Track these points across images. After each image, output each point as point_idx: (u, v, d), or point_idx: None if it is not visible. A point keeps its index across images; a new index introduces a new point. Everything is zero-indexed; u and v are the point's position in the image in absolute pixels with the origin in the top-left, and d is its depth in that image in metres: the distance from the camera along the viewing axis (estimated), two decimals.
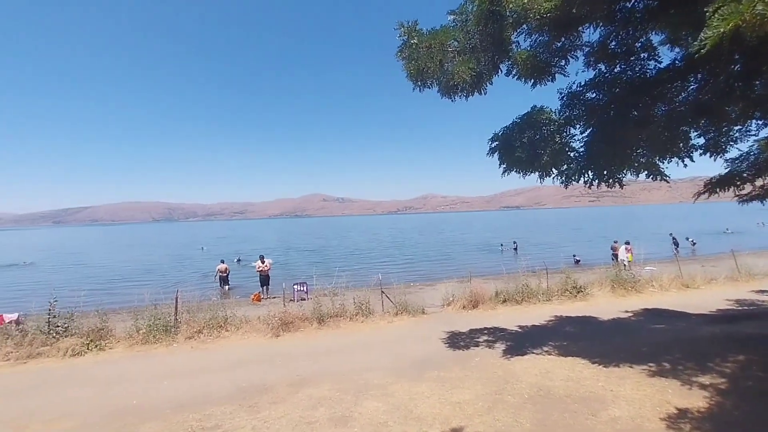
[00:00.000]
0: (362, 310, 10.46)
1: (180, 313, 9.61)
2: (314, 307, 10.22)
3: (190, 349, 8.56)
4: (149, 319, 9.16)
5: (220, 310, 9.92)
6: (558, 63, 6.29)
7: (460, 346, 7.69)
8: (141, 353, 8.35)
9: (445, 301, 11.65)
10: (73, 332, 8.73)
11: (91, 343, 8.58)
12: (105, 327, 9.00)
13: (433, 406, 5.06)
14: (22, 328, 8.87)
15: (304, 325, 9.77)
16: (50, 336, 8.57)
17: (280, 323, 9.49)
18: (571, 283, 12.28)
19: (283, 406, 5.30)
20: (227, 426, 4.79)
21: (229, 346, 8.65)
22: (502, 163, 6.43)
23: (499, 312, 10.73)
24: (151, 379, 6.76)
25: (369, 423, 4.69)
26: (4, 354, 8.15)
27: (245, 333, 9.40)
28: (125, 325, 9.25)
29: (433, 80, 6.11)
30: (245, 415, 5.10)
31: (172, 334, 9.07)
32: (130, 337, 8.92)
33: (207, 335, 9.18)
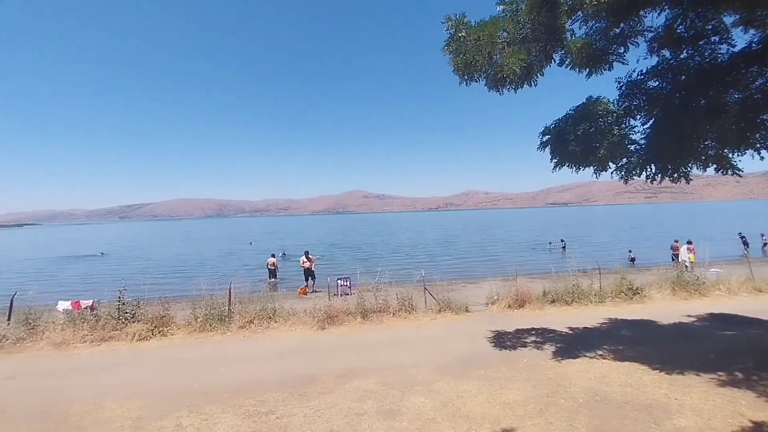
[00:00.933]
0: (405, 306, 10.50)
1: (233, 304, 10.13)
2: (358, 301, 10.39)
3: (243, 338, 9.01)
4: (206, 308, 9.74)
5: (269, 302, 10.34)
6: (616, 50, 5.95)
7: (507, 346, 7.51)
8: (199, 340, 8.91)
9: (489, 299, 11.41)
10: (140, 319, 9.48)
11: (155, 329, 9.26)
12: (167, 315, 9.67)
13: (481, 405, 4.99)
14: (96, 313, 9.73)
15: (348, 319, 9.97)
16: (120, 321, 9.35)
17: (325, 316, 9.74)
18: (627, 284, 11.58)
19: (332, 397, 5.45)
20: (280, 412, 5.01)
21: (278, 337, 9.01)
22: (554, 158, 6.19)
23: (547, 313, 10.35)
24: (209, 364, 7.20)
25: (417, 418, 4.71)
26: (81, 336, 8.99)
27: (293, 325, 9.74)
28: (184, 314, 9.89)
29: (480, 73, 5.98)
30: (296, 402, 5.31)
31: (226, 323, 9.59)
32: (188, 325, 9.54)
33: (257, 325, 9.62)
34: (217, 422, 4.78)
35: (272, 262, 19.64)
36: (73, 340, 8.73)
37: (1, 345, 8.51)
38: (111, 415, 5.16)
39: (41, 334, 8.89)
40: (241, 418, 4.89)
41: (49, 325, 9.14)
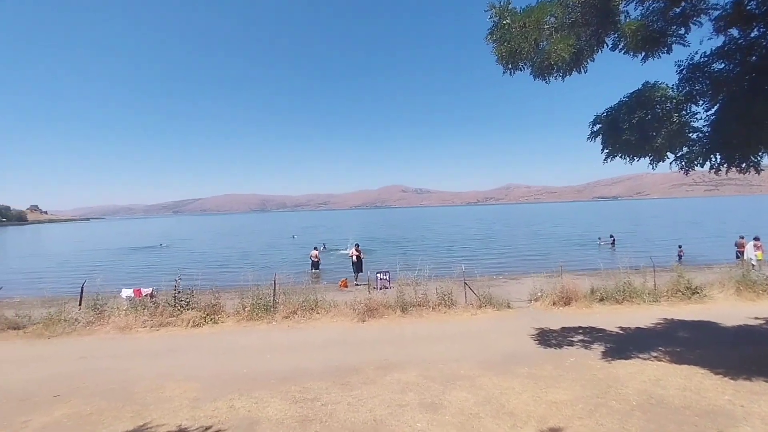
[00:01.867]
0: (445, 300, 10.43)
1: (277, 295, 10.53)
2: (397, 295, 10.46)
3: (287, 327, 9.35)
4: (253, 298, 10.20)
5: (311, 293, 10.65)
6: (676, 32, 5.53)
7: (552, 344, 7.28)
8: (247, 328, 9.36)
9: (532, 296, 11.08)
10: (193, 306, 10.09)
11: (208, 317, 9.83)
12: (218, 303, 10.23)
13: (526, 402, 4.88)
14: (155, 300, 10.47)
15: (387, 312, 10.06)
16: (176, 309, 10.01)
17: (365, 309, 9.89)
18: (684, 282, 10.82)
19: (374, 387, 5.55)
20: (325, 399, 5.17)
21: (320, 327, 9.27)
22: (605, 148, 5.87)
23: (595, 311, 9.89)
24: (257, 351, 7.56)
25: (459, 412, 4.70)
26: (142, 322, 9.72)
27: (334, 316, 9.97)
28: (233, 303, 10.42)
29: (526, 62, 5.78)
30: (339, 391, 5.45)
31: (271, 313, 10.00)
32: (237, 314, 10.04)
33: (301, 316, 9.94)
34: (267, 406, 5.02)
35: (315, 254, 20.58)
36: (135, 325, 9.47)
37: (74, 328, 9.38)
38: (170, 395, 5.56)
39: (108, 319, 9.71)
40: (288, 403, 5.10)
41: (114, 311, 9.96)
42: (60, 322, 9.44)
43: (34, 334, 9.10)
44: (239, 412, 4.89)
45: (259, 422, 4.58)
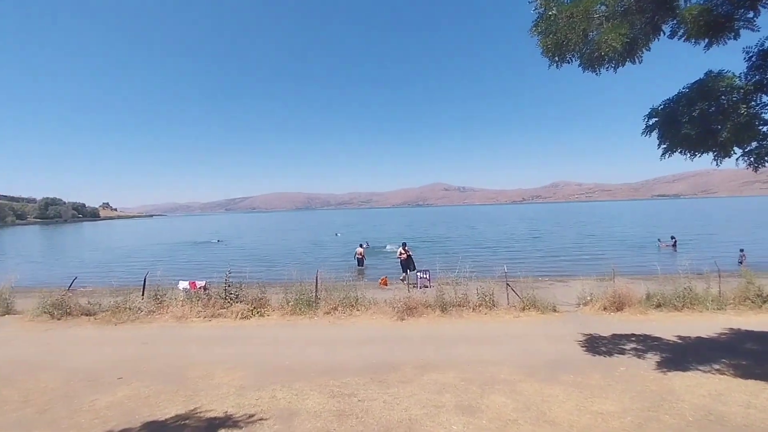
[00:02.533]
0: (486, 301, 10.21)
1: (319, 291, 10.84)
2: (437, 294, 10.38)
3: (328, 323, 9.60)
4: (296, 294, 10.57)
5: (351, 291, 10.84)
6: (744, 15, 5.01)
7: (601, 352, 6.90)
8: (290, 322, 9.71)
9: (580, 300, 10.54)
10: (242, 299, 10.63)
11: (254, 310, 10.32)
12: (264, 297, 10.71)
13: (569, 412, 4.68)
14: (208, 293, 11.15)
15: (427, 311, 10.01)
16: (226, 301, 10.60)
17: (404, 308, 9.91)
18: (755, 289, 9.82)
19: (411, 387, 5.56)
20: (361, 395, 5.26)
21: (360, 324, 9.42)
22: (662, 143, 5.46)
23: (651, 318, 9.24)
24: (299, 344, 7.83)
25: (497, 417, 4.59)
26: (196, 312, 10.39)
27: (373, 314, 10.09)
28: (278, 297, 10.84)
29: (574, 53, 5.51)
30: (376, 388, 5.52)
31: (313, 308, 10.30)
32: (282, 308, 10.44)
33: (341, 312, 10.15)
34: (306, 398, 5.20)
35: (360, 251, 21.51)
36: (190, 315, 10.15)
37: (137, 316, 10.21)
38: (219, 382, 5.92)
39: (166, 308, 10.48)
40: (326, 397, 5.24)
41: (172, 301, 10.74)
42: (125, 310, 10.32)
43: (104, 320, 10.03)
44: (280, 402, 5.10)
45: (298, 414, 4.75)
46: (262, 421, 4.54)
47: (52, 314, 10.28)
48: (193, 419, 4.65)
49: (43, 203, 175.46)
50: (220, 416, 4.71)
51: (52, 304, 10.42)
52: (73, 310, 10.45)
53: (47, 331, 9.37)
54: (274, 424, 4.48)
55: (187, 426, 4.47)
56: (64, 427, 4.60)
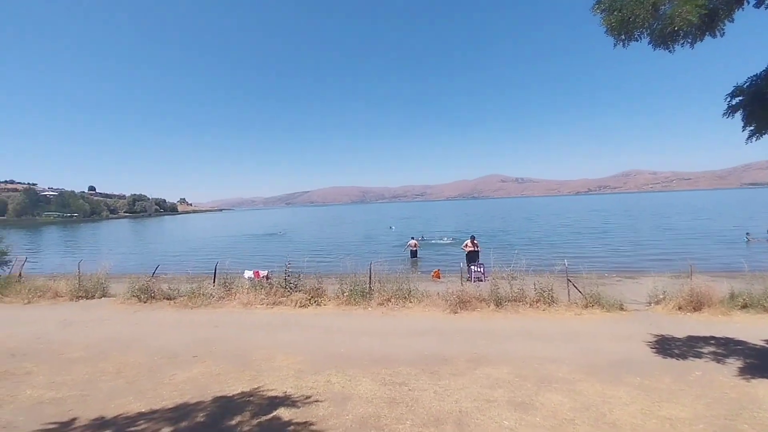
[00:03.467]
0: (544, 297, 9.79)
1: (373, 283, 11.08)
2: (491, 288, 10.14)
3: (381, 314, 9.80)
4: (351, 285, 10.90)
5: (404, 283, 10.94)
6: None
7: (673, 354, 6.34)
8: (345, 312, 10.06)
9: (652, 298, 9.73)
10: (300, 289, 11.20)
11: (312, 299, 10.82)
12: (321, 287, 11.18)
13: (632, 415, 4.39)
14: (270, 282, 11.88)
15: (480, 305, 9.83)
16: (286, 290, 11.23)
17: (457, 301, 9.82)
18: None
19: (462, 380, 5.54)
20: (412, 385, 5.35)
21: (412, 316, 9.50)
22: (748, 125, 4.86)
23: (734, 319, 8.29)
24: (353, 333, 8.10)
25: (552, 415, 4.44)
26: (260, 299, 11.12)
27: (426, 306, 10.11)
28: (334, 288, 11.26)
29: (642, 30, 5.05)
30: (427, 379, 5.58)
31: (367, 299, 10.56)
32: (337, 298, 10.84)
33: (394, 304, 10.30)
34: (358, 384, 5.40)
35: (414, 243, 22.09)
36: (254, 302, 10.89)
37: (209, 301, 11.16)
38: (280, 365, 6.32)
39: (234, 295, 11.35)
40: (378, 384, 5.40)
41: (239, 289, 11.59)
42: (200, 296, 11.33)
43: (181, 304, 11.10)
44: (335, 387, 5.35)
45: (351, 398, 4.95)
46: (318, 403, 4.80)
47: (140, 298, 11.58)
48: (256, 397, 5.03)
49: (131, 199, 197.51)
50: (280, 396, 5.04)
51: (139, 288, 11.73)
52: (156, 295, 11.69)
53: (135, 312, 10.58)
54: (328, 406, 4.72)
55: (251, 402, 4.85)
56: (149, 397, 5.20)
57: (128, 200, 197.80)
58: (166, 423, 4.35)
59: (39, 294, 12.37)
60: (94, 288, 12.64)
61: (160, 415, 4.57)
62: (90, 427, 4.34)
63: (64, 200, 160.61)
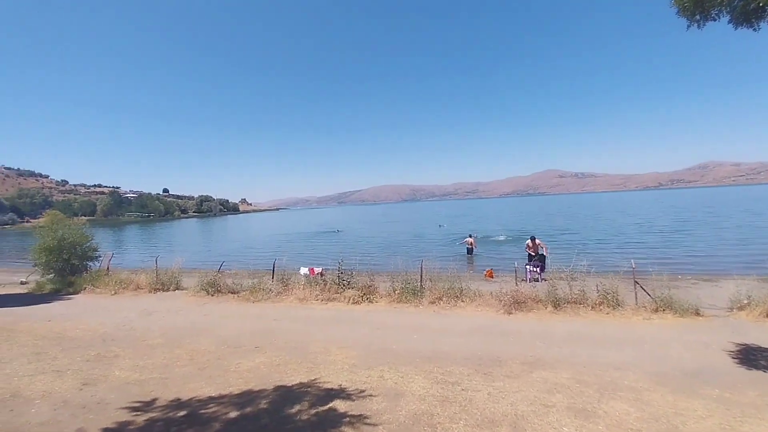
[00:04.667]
0: (608, 300, 9.20)
1: (424, 281, 11.09)
2: (549, 289, 9.72)
3: (433, 312, 9.78)
4: (402, 282, 10.99)
5: (456, 281, 10.83)
6: None
7: (760, 366, 5.70)
8: (396, 309, 10.17)
9: (734, 303, 8.77)
10: (353, 286, 11.49)
11: (364, 296, 11.06)
12: (372, 285, 11.40)
13: (710, 430, 4.03)
14: (324, 279, 12.32)
15: (537, 306, 9.47)
16: (339, 287, 11.58)
17: (512, 301, 9.53)
18: None
19: (517, 382, 5.40)
20: (465, 385, 5.30)
21: (465, 315, 9.38)
22: None
23: None
24: (404, 331, 8.18)
25: (617, 425, 4.19)
26: (315, 295, 11.57)
27: (478, 306, 9.93)
28: (385, 286, 11.42)
29: (721, 8, 4.60)
30: (480, 380, 5.50)
31: (418, 297, 10.59)
32: (389, 295, 10.98)
33: (446, 303, 10.23)
34: (411, 381, 5.45)
35: (470, 240, 22.37)
36: (310, 298, 11.36)
37: (269, 296, 11.81)
38: (334, 359, 6.56)
39: (291, 291, 11.91)
40: (431, 382, 5.42)
41: (295, 285, 12.15)
42: (260, 291, 12.03)
43: (244, 298, 11.86)
44: (387, 382, 5.45)
45: (403, 395, 5.02)
46: (372, 397, 4.93)
47: (207, 291, 12.54)
48: (313, 388, 5.28)
49: (199, 200, 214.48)
50: (336, 388, 5.25)
51: (207, 283, 12.71)
52: (222, 289, 12.59)
53: (204, 304, 11.48)
54: (382, 401, 4.83)
55: (309, 393, 5.10)
56: (218, 382, 5.65)
57: (196, 201, 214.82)
58: (233, 407, 4.71)
59: (123, 286, 13.85)
60: (169, 281, 13.90)
61: (227, 400, 4.95)
62: (169, 407, 4.81)
63: (142, 201, 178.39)
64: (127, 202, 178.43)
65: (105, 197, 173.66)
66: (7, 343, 7.67)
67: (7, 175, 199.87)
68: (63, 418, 4.56)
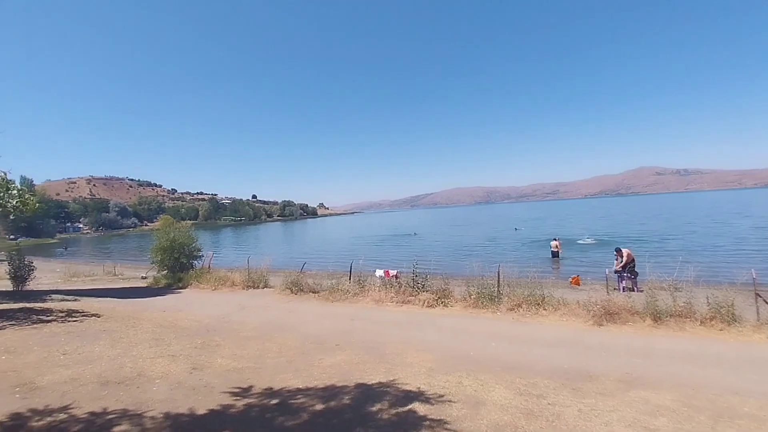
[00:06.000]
0: (721, 314, 8.03)
1: (501, 286, 10.69)
2: (647, 300, 8.76)
3: (512, 320, 9.38)
4: (478, 287, 10.73)
5: (537, 288, 10.26)
6: None
7: None
8: (472, 315, 9.95)
9: None
10: (427, 289, 11.50)
11: (439, 300, 11.00)
12: (447, 289, 11.30)
13: None
14: (399, 281, 12.51)
15: (633, 319, 8.59)
16: (414, 290, 11.66)
17: (603, 312, 8.77)
18: None
19: (612, 401, 4.95)
20: (551, 399, 5.00)
21: (547, 325, 8.85)
22: None
23: None
24: (482, 337, 7.97)
25: None
26: (390, 297, 11.79)
27: (563, 315, 9.31)
28: (460, 290, 11.24)
29: None
30: (569, 395, 5.14)
31: (495, 303, 10.24)
32: (464, 300, 10.79)
33: (526, 310, 9.75)
34: (491, 390, 5.29)
35: (556, 244, 22.25)
36: (385, 300, 11.61)
37: (346, 296, 12.32)
38: (411, 361, 6.62)
39: (367, 292, 12.29)
40: (513, 393, 5.20)
41: (371, 286, 12.51)
42: (338, 291, 12.61)
43: (324, 297, 12.52)
44: (467, 389, 5.35)
45: (484, 403, 4.89)
46: (451, 403, 4.88)
47: (291, 290, 13.47)
48: (392, 388, 5.38)
49: (282, 205, 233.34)
50: (414, 391, 5.29)
51: (291, 282, 13.67)
52: (304, 288, 13.44)
53: (289, 302, 12.35)
54: (462, 407, 4.76)
55: (388, 393, 5.21)
56: (304, 375, 6.04)
57: (280, 206, 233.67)
58: (319, 400, 5.00)
59: (221, 283, 15.46)
60: (259, 280, 15.21)
61: (313, 393, 5.27)
62: (263, 394, 5.27)
63: (235, 207, 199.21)
64: (223, 208, 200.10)
65: (205, 203, 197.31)
66: (134, 329, 9.00)
67: (130, 185, 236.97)
68: (177, 397, 5.23)
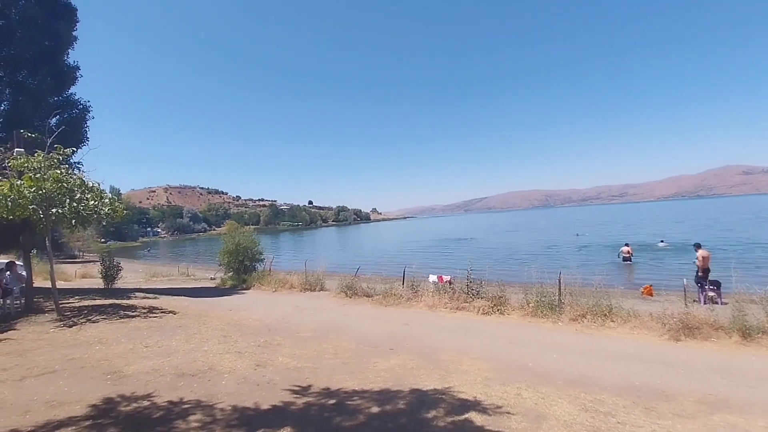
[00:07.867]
0: None
1: (563, 295, 10.13)
2: (734, 314, 7.84)
3: (575, 330, 8.85)
4: (536, 295, 10.25)
5: (603, 298, 9.60)
6: None
7: None
8: (531, 324, 9.53)
9: None
10: (482, 296, 11.21)
11: (494, 307, 10.67)
12: (503, 296, 10.92)
13: None
14: (453, 287, 12.32)
15: (716, 334, 7.73)
16: (468, 296, 11.42)
17: (680, 326, 7.99)
18: None
19: (692, 424, 4.49)
20: (621, 418, 4.65)
21: (615, 338, 8.24)
22: None
23: None
24: (541, 348, 7.60)
25: None
26: (443, 303, 11.64)
27: (633, 328, 8.61)
28: (517, 297, 10.82)
29: None
30: (641, 414, 4.75)
31: (556, 312, 9.72)
32: (522, 308, 10.36)
33: (591, 321, 9.15)
34: (554, 404, 5.03)
35: (627, 250, 22.26)
36: (438, 305, 11.50)
37: (399, 301, 12.36)
38: (467, 369, 6.49)
39: (420, 297, 12.25)
40: (577, 409, 4.91)
41: (424, 292, 12.46)
42: (391, 296, 12.70)
43: (377, 302, 12.67)
44: (526, 402, 5.14)
45: (546, 418, 4.67)
46: (510, 415, 4.72)
47: (346, 293, 13.80)
48: (447, 396, 5.32)
49: (337, 210, 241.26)
50: (470, 400, 5.18)
51: (346, 285, 14.01)
52: (358, 292, 13.70)
53: (344, 305, 12.66)
54: (521, 420, 4.58)
55: (444, 400, 5.16)
56: (359, 378, 6.16)
57: (334, 211, 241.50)
58: (374, 403, 5.08)
59: (281, 285, 16.25)
60: (315, 283, 15.77)
61: (369, 396, 5.36)
62: (321, 394, 5.46)
63: (293, 212, 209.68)
64: (282, 213, 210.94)
65: (266, 209, 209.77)
66: (204, 326, 9.75)
67: (201, 193, 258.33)
68: (244, 391, 5.58)
